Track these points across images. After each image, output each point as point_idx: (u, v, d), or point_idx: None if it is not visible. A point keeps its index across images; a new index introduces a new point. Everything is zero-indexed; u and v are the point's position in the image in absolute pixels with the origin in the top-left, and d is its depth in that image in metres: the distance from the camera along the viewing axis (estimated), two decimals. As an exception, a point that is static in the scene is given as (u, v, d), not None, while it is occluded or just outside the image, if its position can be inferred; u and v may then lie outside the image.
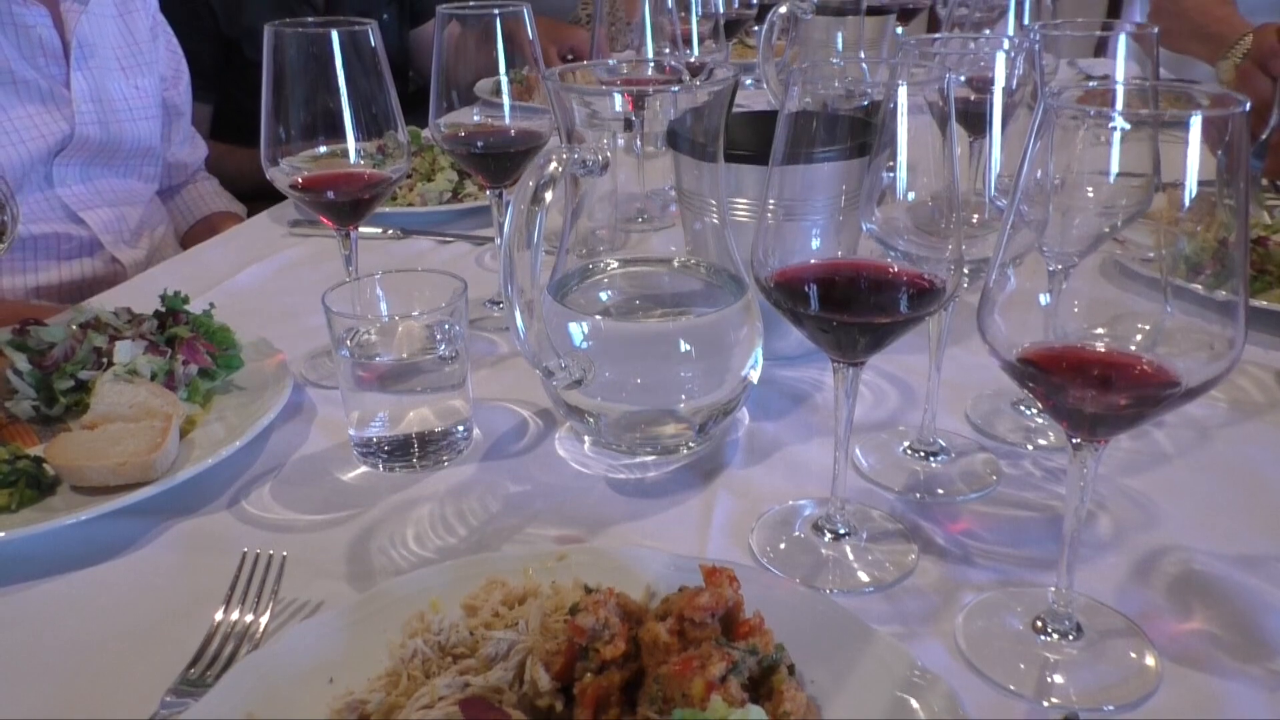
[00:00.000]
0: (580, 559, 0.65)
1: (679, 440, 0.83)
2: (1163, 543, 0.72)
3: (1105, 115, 0.53)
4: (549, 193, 0.71)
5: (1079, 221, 0.68)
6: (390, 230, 1.33)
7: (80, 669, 0.62)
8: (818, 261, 0.68)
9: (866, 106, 1.58)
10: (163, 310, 0.94)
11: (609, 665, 0.53)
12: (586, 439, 0.85)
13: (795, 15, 1.68)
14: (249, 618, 0.63)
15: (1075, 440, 0.57)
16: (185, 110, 1.75)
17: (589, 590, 0.58)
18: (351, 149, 0.93)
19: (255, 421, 0.82)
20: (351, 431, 0.84)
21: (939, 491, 0.79)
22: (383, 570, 0.71)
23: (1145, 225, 0.67)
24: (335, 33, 0.85)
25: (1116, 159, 0.61)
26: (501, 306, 1.11)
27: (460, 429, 0.85)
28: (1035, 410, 0.89)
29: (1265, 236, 1.08)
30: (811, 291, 0.64)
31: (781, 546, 0.73)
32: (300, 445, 0.86)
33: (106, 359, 0.87)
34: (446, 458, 0.84)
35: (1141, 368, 0.56)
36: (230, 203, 1.83)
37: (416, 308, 0.87)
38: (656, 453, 0.83)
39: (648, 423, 0.83)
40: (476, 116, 1.07)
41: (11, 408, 0.86)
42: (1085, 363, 0.56)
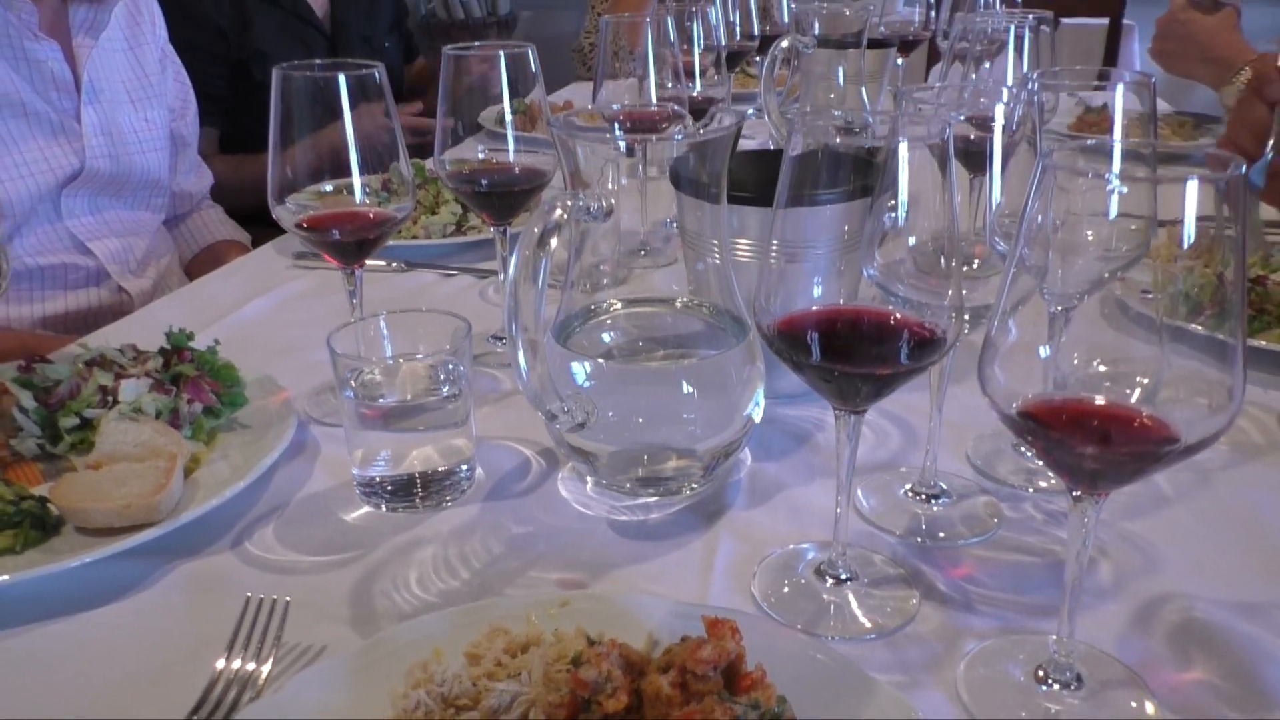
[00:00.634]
0: (583, 605, 0.66)
1: (681, 482, 0.83)
2: (1164, 589, 0.72)
3: (1103, 177, 0.53)
4: (554, 239, 0.71)
5: (1079, 265, 0.69)
6: (394, 263, 1.34)
7: (83, 714, 0.62)
8: (819, 309, 0.68)
9: (868, 147, 1.59)
10: (168, 347, 0.95)
11: (611, 718, 0.53)
12: (589, 479, 0.86)
13: (797, 49, 1.70)
14: (251, 665, 0.63)
15: (1076, 493, 0.57)
16: (192, 141, 1.77)
17: (591, 642, 0.59)
18: (357, 189, 0.94)
19: (259, 462, 0.83)
20: (355, 470, 0.85)
21: (940, 535, 0.79)
22: (385, 614, 0.71)
23: (1145, 263, 0.67)
24: (343, 76, 0.86)
25: (1115, 208, 0.62)
26: (504, 342, 1.11)
27: (463, 468, 0.86)
28: (1035, 452, 0.89)
29: (1264, 276, 1.08)
30: (813, 341, 0.64)
31: (784, 591, 0.73)
32: (303, 484, 0.87)
33: (112, 397, 0.87)
34: (450, 498, 0.84)
35: (1141, 421, 0.56)
36: (235, 231, 1.84)
37: (421, 347, 0.88)
38: (659, 494, 0.83)
39: (650, 465, 0.83)
40: (481, 153, 1.08)
41: (16, 445, 0.86)
42: (1085, 416, 0.57)
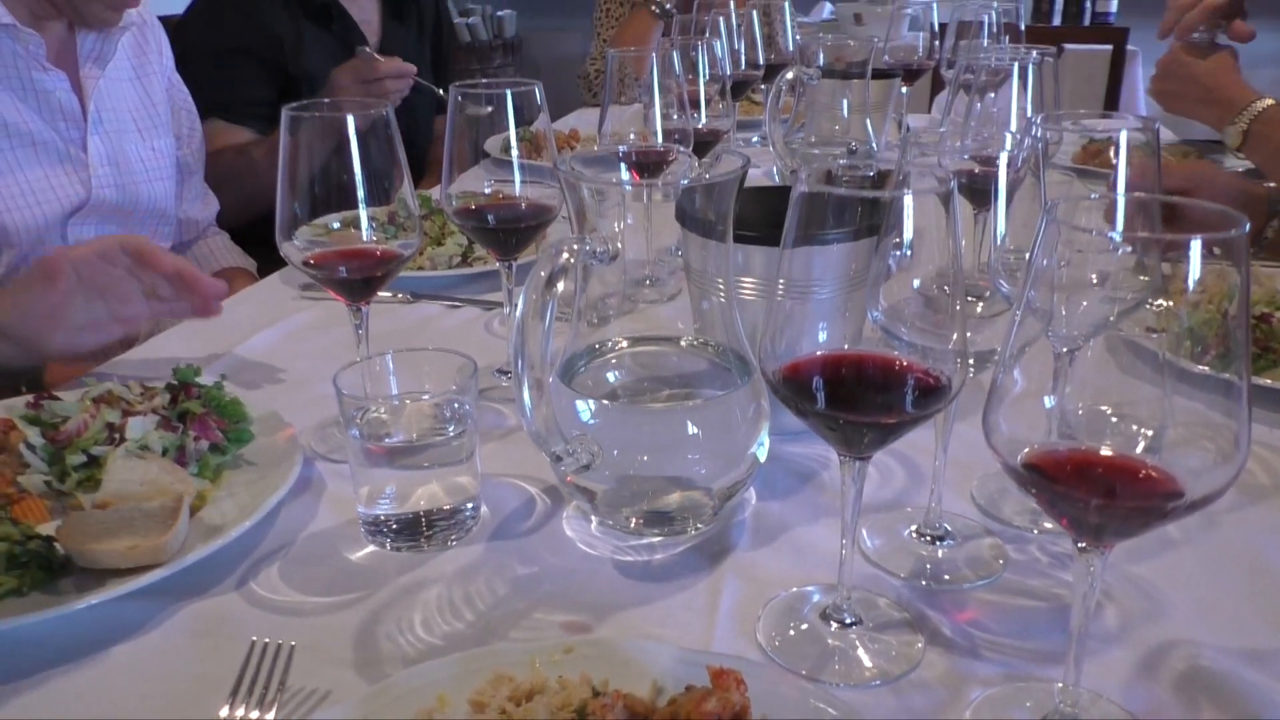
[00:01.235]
0: (587, 651, 0.66)
1: (687, 522, 0.83)
2: (1170, 636, 0.72)
3: (1107, 238, 0.54)
4: (561, 283, 0.72)
5: (1084, 307, 0.69)
6: (400, 295, 1.34)
7: (87, 761, 0.62)
8: (824, 354, 0.69)
9: (874, 177, 1.60)
10: (175, 383, 0.95)
11: (616, 772, 0.53)
12: (594, 519, 0.86)
13: (801, 80, 1.71)
14: (254, 714, 0.63)
15: (1081, 545, 0.57)
16: (198, 169, 1.78)
17: (596, 692, 0.59)
18: (365, 228, 0.95)
19: (264, 501, 0.83)
20: (360, 509, 0.85)
21: (945, 578, 0.79)
22: (390, 658, 0.71)
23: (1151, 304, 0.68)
24: (351, 117, 0.87)
25: (1119, 260, 0.63)
26: (509, 377, 1.12)
27: (468, 506, 0.86)
28: (1040, 505, 0.89)
29: (1269, 313, 1.08)
30: (818, 389, 0.64)
31: (789, 635, 0.73)
32: (309, 522, 0.87)
33: (119, 435, 0.88)
34: (454, 537, 0.84)
35: (1148, 474, 0.56)
36: (240, 258, 1.85)
37: (427, 385, 0.88)
38: (664, 534, 0.83)
39: (655, 505, 0.83)
40: (487, 185, 1.09)
41: (23, 481, 0.87)
42: (1089, 470, 0.57)
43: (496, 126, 1.05)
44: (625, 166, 0.93)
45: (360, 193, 0.92)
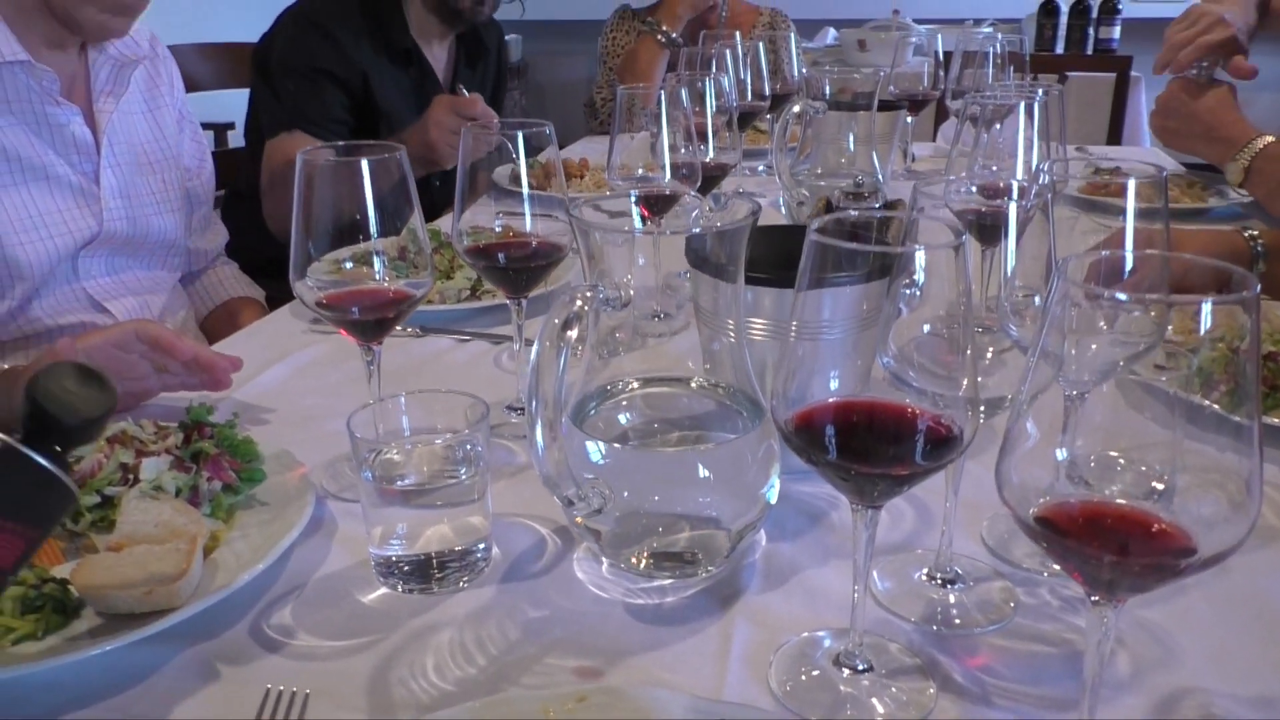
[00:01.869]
0: (600, 699, 0.66)
1: (697, 565, 0.84)
2: (1182, 683, 0.72)
3: (1117, 301, 0.54)
4: (573, 330, 0.73)
5: (1094, 351, 0.69)
6: (410, 329, 1.35)
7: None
8: (835, 402, 0.69)
9: (880, 209, 1.61)
10: (188, 422, 0.96)
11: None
12: (604, 560, 0.86)
13: (808, 113, 1.72)
14: (272, 763, 0.63)
15: (1094, 599, 0.58)
16: (207, 199, 1.79)
17: (611, 745, 0.59)
18: (376, 265, 0.95)
19: (277, 543, 0.83)
20: (372, 549, 0.85)
21: (956, 622, 0.79)
22: (403, 704, 0.71)
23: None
24: (365, 161, 0.88)
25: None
26: (519, 414, 1.12)
27: (480, 547, 0.86)
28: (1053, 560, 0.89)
29: (1276, 351, 1.09)
30: (830, 440, 0.65)
31: (801, 681, 0.73)
32: (321, 563, 0.87)
33: (133, 475, 0.88)
34: (466, 578, 0.84)
35: (1160, 527, 0.56)
36: (249, 287, 1.86)
37: (439, 423, 0.89)
38: (675, 576, 0.84)
39: (667, 548, 0.84)
40: (497, 218, 1.10)
41: (37, 522, 0.87)
42: (1102, 523, 0.57)
43: (505, 157, 1.06)
44: (636, 207, 0.93)
45: (373, 231, 0.92)
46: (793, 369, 0.67)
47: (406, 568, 0.84)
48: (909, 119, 2.16)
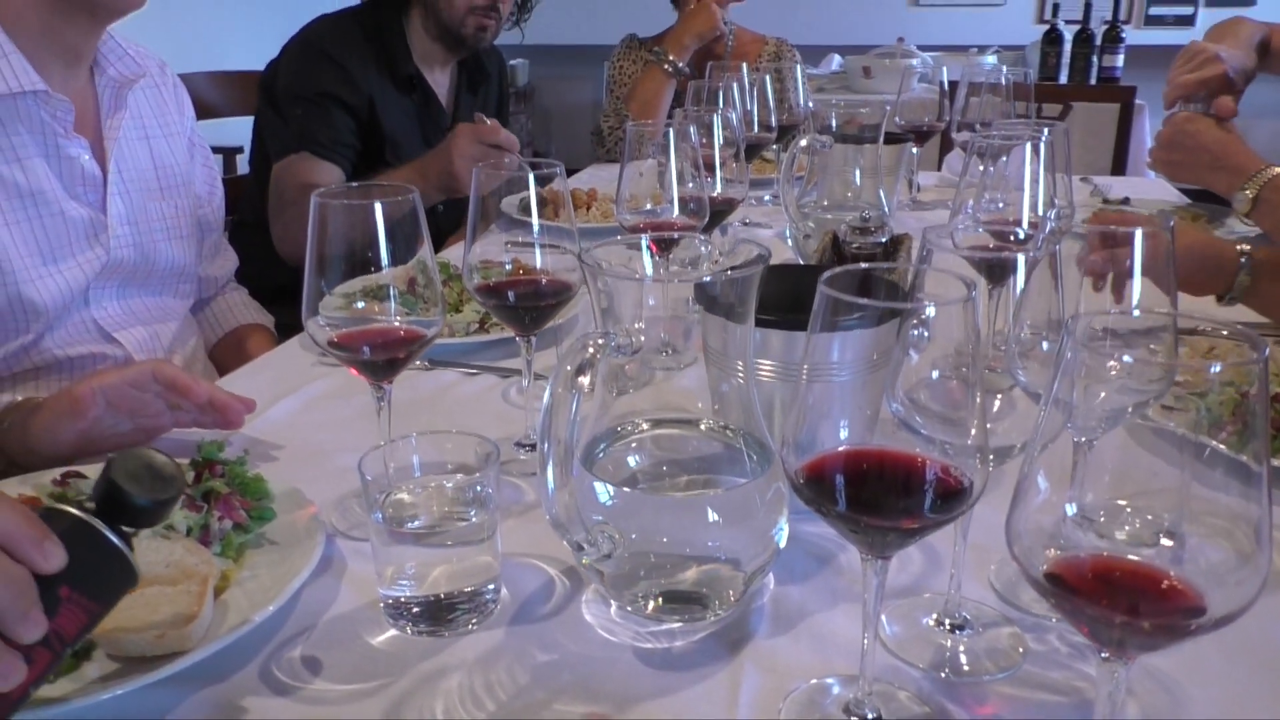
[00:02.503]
0: (610, 749, 0.66)
1: (706, 609, 0.84)
2: (1192, 734, 0.72)
3: (1125, 357, 0.55)
4: (585, 377, 0.73)
5: (1102, 398, 0.70)
6: (419, 363, 1.36)
7: None
8: (846, 451, 0.69)
9: (886, 243, 1.61)
10: (199, 460, 0.96)
11: None
12: (613, 603, 0.86)
13: (815, 146, 1.73)
14: (283, 813, 0.63)
15: (1104, 655, 0.58)
16: (217, 226, 1.80)
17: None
18: (388, 300, 0.96)
19: (288, 584, 0.83)
20: (381, 589, 0.85)
21: (965, 669, 0.79)
22: (412, 750, 0.71)
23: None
24: (379, 204, 0.89)
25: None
26: (527, 450, 1.13)
27: (489, 588, 0.86)
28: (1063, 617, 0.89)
29: (1282, 393, 1.09)
30: (840, 492, 0.65)
31: (809, 729, 0.73)
32: (330, 604, 0.87)
33: (144, 514, 0.88)
34: (475, 620, 0.84)
35: (1170, 584, 0.57)
36: (259, 314, 1.86)
37: (449, 462, 0.89)
38: (684, 620, 0.84)
39: (673, 587, 0.84)
40: (507, 252, 1.10)
41: (49, 560, 0.87)
42: (1111, 579, 0.58)
43: (514, 188, 1.07)
44: (647, 250, 0.94)
45: (384, 265, 0.93)
46: (802, 413, 0.67)
47: (416, 609, 0.84)
48: (914, 149, 2.18)
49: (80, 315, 1.47)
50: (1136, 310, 0.65)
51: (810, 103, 2.19)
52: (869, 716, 0.73)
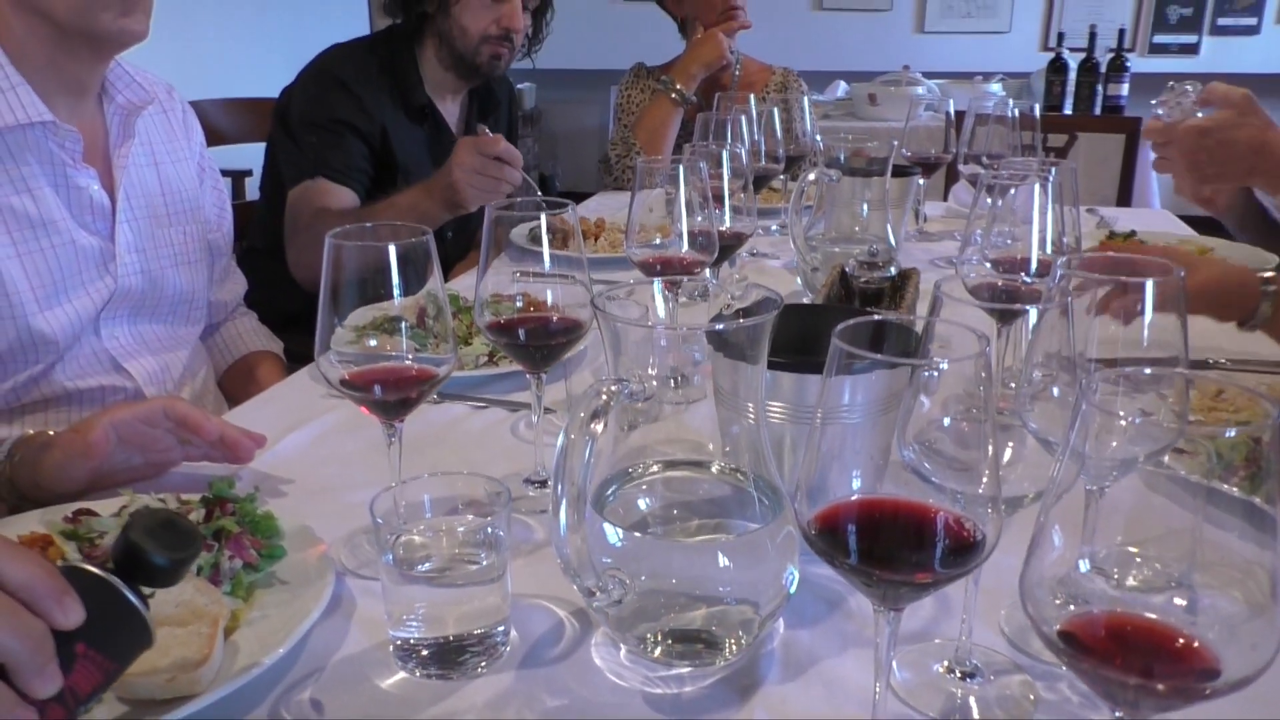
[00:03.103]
0: (621, 801, 0.66)
1: (716, 654, 0.84)
2: (1205, 789, 0.71)
3: (1136, 420, 0.55)
4: (599, 423, 0.74)
5: (1114, 448, 0.70)
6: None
7: None
8: (859, 501, 0.69)
9: (893, 278, 1.61)
10: (210, 497, 0.96)
11: None
12: (622, 646, 0.86)
13: (823, 180, 1.74)
14: None
15: (1118, 715, 0.58)
16: (226, 250, 1.80)
17: None
18: (400, 334, 0.97)
19: (298, 625, 0.83)
20: (391, 631, 0.85)
21: (976, 719, 0.79)
22: (422, 799, 0.71)
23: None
24: (393, 246, 0.90)
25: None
26: (537, 487, 1.13)
27: (499, 630, 0.86)
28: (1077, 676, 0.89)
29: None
30: (852, 547, 0.65)
31: (820, 779, 0.73)
32: (340, 644, 0.87)
33: (155, 553, 0.88)
34: (484, 663, 0.84)
35: (1185, 643, 0.57)
36: (269, 340, 1.86)
37: (459, 503, 0.89)
38: (694, 665, 0.84)
39: (684, 632, 0.84)
40: (516, 283, 1.11)
41: (59, 598, 0.87)
42: (1125, 639, 0.57)
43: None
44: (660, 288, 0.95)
45: (396, 297, 0.93)
46: (813, 459, 0.67)
47: (425, 652, 0.84)
48: (921, 180, 2.19)
49: (91, 345, 1.47)
50: (1148, 370, 0.65)
51: (818, 135, 2.20)
52: (880, 767, 0.73)
